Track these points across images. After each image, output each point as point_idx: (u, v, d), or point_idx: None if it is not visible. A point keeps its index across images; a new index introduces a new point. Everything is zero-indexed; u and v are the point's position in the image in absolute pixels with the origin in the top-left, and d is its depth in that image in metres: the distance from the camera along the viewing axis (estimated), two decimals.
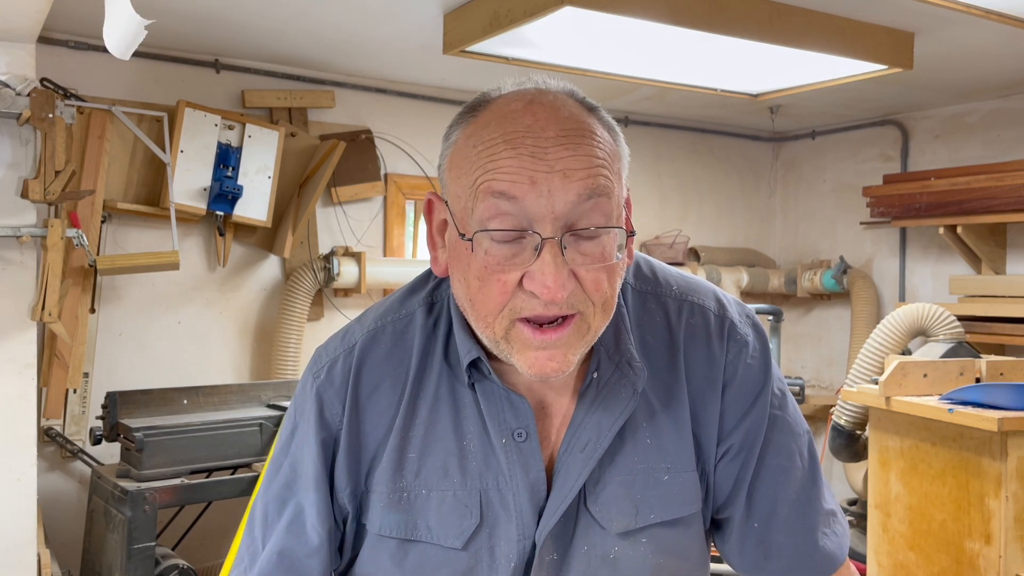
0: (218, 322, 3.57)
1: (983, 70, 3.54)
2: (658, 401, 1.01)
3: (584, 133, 0.89)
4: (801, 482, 1.06)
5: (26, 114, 2.56)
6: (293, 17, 2.99)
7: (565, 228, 0.87)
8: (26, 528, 2.65)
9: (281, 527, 1.02)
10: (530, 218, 0.86)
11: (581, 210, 0.87)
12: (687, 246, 4.51)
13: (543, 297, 0.86)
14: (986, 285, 3.82)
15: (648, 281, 1.06)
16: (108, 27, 1.57)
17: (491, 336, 0.92)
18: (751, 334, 1.06)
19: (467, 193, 0.89)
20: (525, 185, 0.85)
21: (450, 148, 0.94)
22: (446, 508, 0.98)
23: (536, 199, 0.85)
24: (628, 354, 1.00)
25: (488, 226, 0.87)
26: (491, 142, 0.88)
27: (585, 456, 0.98)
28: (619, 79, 3.48)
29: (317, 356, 1.06)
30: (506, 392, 0.98)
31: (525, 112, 0.89)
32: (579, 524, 0.99)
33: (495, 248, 0.88)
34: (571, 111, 0.90)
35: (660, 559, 1.01)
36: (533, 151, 0.86)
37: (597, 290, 0.89)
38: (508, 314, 0.89)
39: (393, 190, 3.90)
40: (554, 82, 0.95)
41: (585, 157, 0.87)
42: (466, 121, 0.93)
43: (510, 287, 0.88)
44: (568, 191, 0.86)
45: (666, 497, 1.00)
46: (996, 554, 2.36)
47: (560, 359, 0.90)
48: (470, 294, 0.91)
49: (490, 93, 0.94)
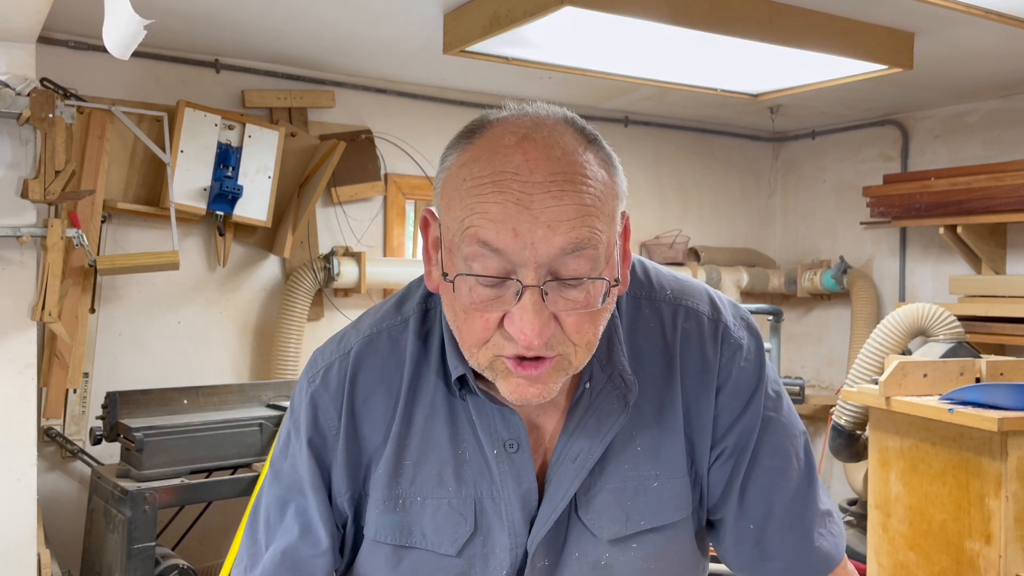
0: (218, 322, 3.57)
1: (983, 70, 3.54)
2: (651, 408, 1.01)
3: (575, 177, 0.86)
4: (797, 483, 1.06)
5: (26, 114, 2.56)
6: (293, 17, 2.99)
7: (548, 275, 0.86)
8: (26, 528, 2.66)
9: (284, 528, 1.02)
10: (514, 263, 0.86)
11: (565, 260, 0.86)
12: (687, 246, 4.51)
13: (520, 343, 0.86)
14: (986, 285, 3.82)
15: (642, 286, 1.06)
16: (108, 27, 1.57)
17: (476, 364, 0.93)
18: (745, 337, 1.06)
19: (456, 228, 0.88)
20: (508, 236, 0.84)
21: (444, 173, 0.92)
22: (441, 516, 0.99)
23: (520, 250, 0.84)
24: (620, 366, 1.00)
25: (472, 268, 0.87)
26: (480, 180, 0.87)
27: (577, 466, 0.98)
28: (619, 79, 3.48)
29: (313, 360, 1.07)
30: (496, 406, 0.98)
31: (516, 150, 0.87)
32: (571, 532, 1.00)
33: (478, 289, 0.87)
34: (565, 148, 0.87)
35: (651, 564, 1.01)
36: (519, 197, 0.84)
37: (578, 332, 0.89)
38: (491, 349, 0.90)
39: (393, 190, 3.90)
40: (555, 109, 0.93)
41: (572, 207, 0.85)
42: (462, 147, 0.91)
43: (492, 325, 0.88)
44: (552, 244, 0.85)
45: (656, 504, 1.01)
46: (996, 554, 2.36)
47: (541, 387, 0.90)
48: (456, 322, 0.92)
49: (489, 116, 0.93)
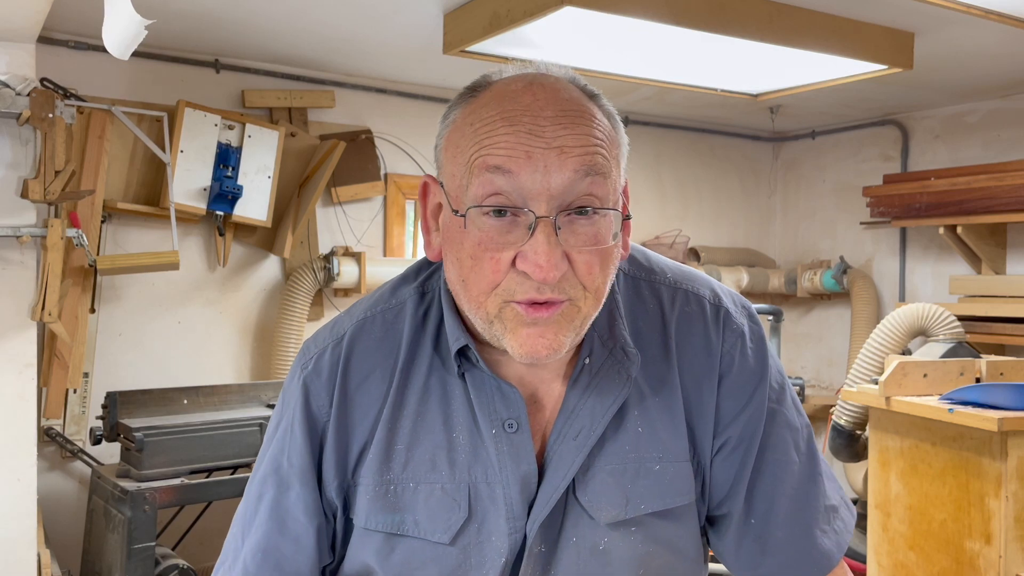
0: (218, 322, 3.57)
1: (983, 70, 3.54)
2: (649, 389, 0.99)
3: (583, 114, 0.88)
4: (799, 478, 1.04)
5: (26, 114, 2.56)
6: (293, 17, 2.99)
7: (560, 208, 0.86)
8: (26, 528, 2.65)
9: (260, 522, 1.00)
10: (524, 196, 0.86)
11: (577, 189, 0.86)
12: (687, 246, 4.51)
13: (535, 277, 0.85)
14: (986, 285, 3.82)
15: (642, 268, 1.05)
16: (108, 27, 1.57)
17: (483, 316, 0.90)
18: (747, 324, 1.04)
19: (462, 171, 0.88)
20: (521, 159, 0.85)
21: (447, 128, 0.93)
22: (433, 502, 0.96)
23: (531, 174, 0.85)
24: (622, 339, 0.98)
25: (482, 203, 0.86)
26: (488, 119, 0.88)
27: (578, 444, 0.96)
28: (619, 79, 3.48)
29: (305, 348, 1.05)
30: (496, 382, 0.96)
31: (525, 92, 0.88)
32: (568, 515, 0.97)
33: (488, 225, 0.87)
34: (571, 94, 0.90)
35: (651, 549, 0.98)
36: (531, 128, 0.86)
37: (589, 274, 0.88)
38: (501, 294, 0.88)
39: (393, 190, 3.90)
40: (556, 68, 0.94)
41: (583, 136, 0.87)
42: (465, 102, 0.92)
43: (503, 266, 0.87)
44: (564, 167, 0.85)
45: (658, 487, 0.98)
46: (996, 554, 2.36)
47: (551, 337, 0.88)
48: (463, 273, 0.90)
49: (491, 75, 0.94)
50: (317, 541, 0.99)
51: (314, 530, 0.99)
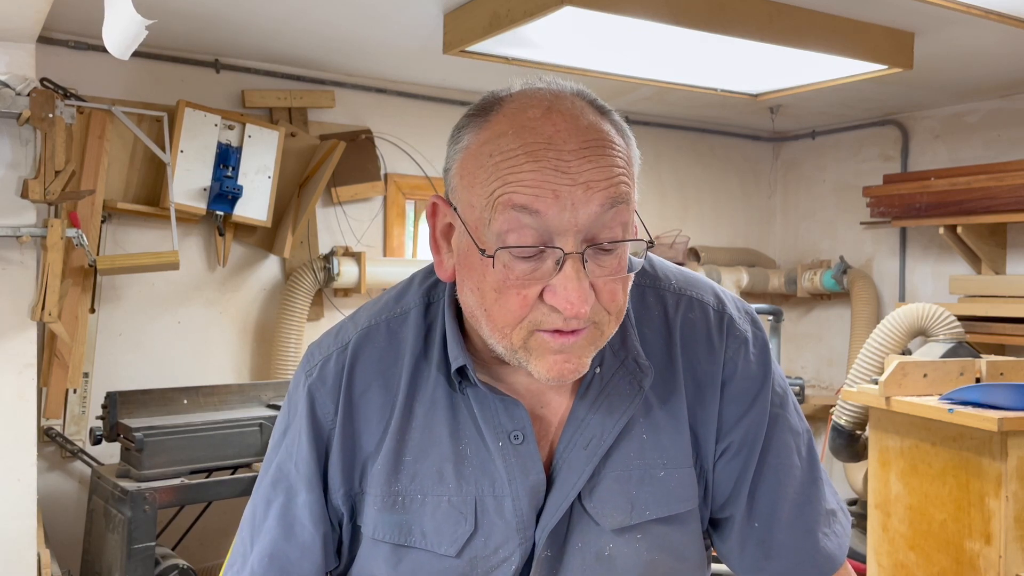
0: (218, 322, 3.57)
1: (983, 70, 3.54)
2: (655, 396, 1.00)
3: (604, 143, 0.87)
4: (801, 481, 1.05)
5: (26, 114, 2.56)
6: (293, 17, 2.99)
7: (586, 240, 0.86)
8: (26, 528, 2.65)
9: (268, 527, 1.01)
10: (551, 232, 0.85)
11: (602, 221, 0.86)
12: (687, 246, 4.51)
13: (566, 313, 0.86)
14: (986, 285, 3.82)
15: (647, 275, 1.06)
16: (108, 27, 1.57)
17: (507, 346, 0.90)
18: (750, 330, 1.05)
19: (483, 203, 0.87)
20: (548, 199, 0.84)
21: (460, 153, 0.91)
22: (440, 514, 0.97)
23: (559, 212, 0.84)
24: (635, 351, 0.99)
25: (507, 240, 0.85)
26: (510, 153, 0.86)
27: (589, 452, 0.97)
28: (619, 79, 3.48)
29: (310, 354, 1.05)
30: (498, 396, 0.97)
31: (544, 121, 0.86)
32: (574, 521, 0.98)
33: (515, 263, 0.86)
34: (589, 120, 0.88)
35: (655, 556, 0.99)
36: (556, 164, 0.84)
37: (613, 301, 0.89)
38: (528, 326, 0.88)
39: (393, 190, 3.90)
40: (564, 83, 0.93)
41: (607, 168, 0.86)
42: (477, 125, 0.90)
43: (530, 300, 0.87)
44: (591, 202, 0.85)
45: (662, 493, 0.99)
46: (996, 554, 2.36)
47: (576, 361, 0.90)
48: (485, 304, 0.90)
49: (499, 94, 0.92)
50: (323, 547, 1.00)
51: (320, 536, 1.00)
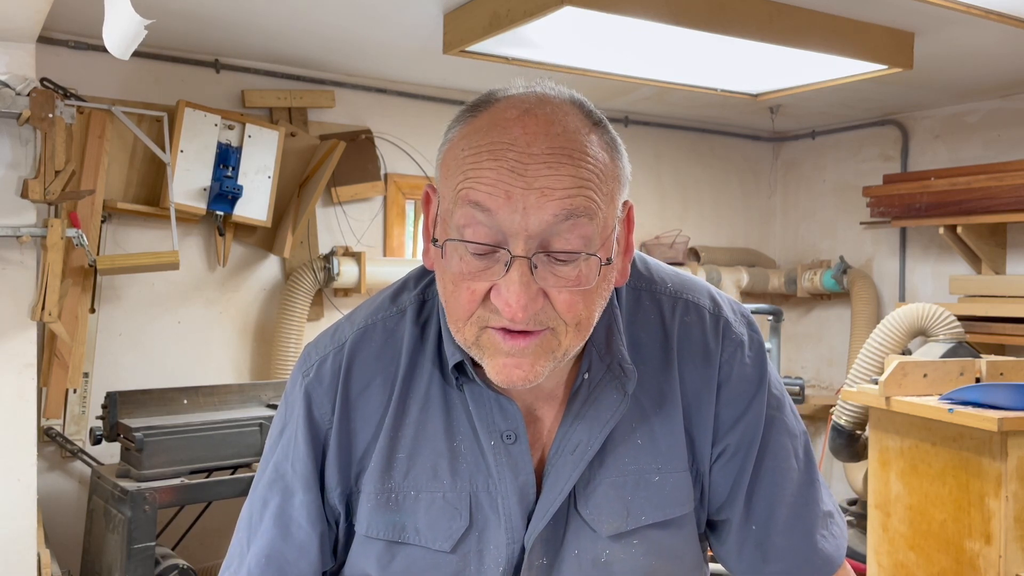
0: (218, 322, 3.57)
1: (983, 70, 3.54)
2: (650, 400, 1.00)
3: (573, 151, 0.85)
4: (798, 484, 1.05)
5: (26, 114, 2.56)
6: (293, 17, 2.99)
7: (539, 247, 0.85)
8: (26, 528, 2.66)
9: (265, 528, 1.01)
10: (504, 233, 0.85)
11: (558, 230, 0.84)
12: (687, 246, 4.51)
13: (504, 315, 0.85)
14: (986, 285, 3.82)
15: (643, 278, 1.05)
16: (108, 27, 1.57)
17: (463, 340, 0.91)
18: (746, 333, 1.05)
19: (451, 196, 0.88)
20: (500, 198, 0.84)
21: (445, 145, 0.92)
22: (435, 510, 0.97)
23: (510, 214, 0.83)
24: (619, 355, 0.98)
25: (464, 234, 0.86)
26: (477, 149, 0.86)
27: (576, 458, 0.96)
28: (619, 79, 3.48)
29: (307, 354, 1.05)
30: (495, 395, 0.97)
31: (516, 123, 0.86)
32: (569, 527, 0.98)
33: (469, 258, 0.87)
34: (566, 127, 0.87)
35: (652, 561, 0.99)
36: (514, 166, 0.84)
37: (570, 311, 0.87)
38: (477, 321, 0.88)
39: (393, 190, 3.90)
40: (562, 90, 0.92)
41: (568, 177, 0.84)
42: (465, 121, 0.91)
43: (478, 296, 0.87)
44: (544, 210, 0.83)
45: (657, 498, 0.99)
46: (996, 554, 2.36)
47: (527, 368, 0.88)
48: (445, 295, 0.91)
49: (496, 93, 0.92)
50: (320, 547, 1.00)
51: (317, 536, 1.00)
